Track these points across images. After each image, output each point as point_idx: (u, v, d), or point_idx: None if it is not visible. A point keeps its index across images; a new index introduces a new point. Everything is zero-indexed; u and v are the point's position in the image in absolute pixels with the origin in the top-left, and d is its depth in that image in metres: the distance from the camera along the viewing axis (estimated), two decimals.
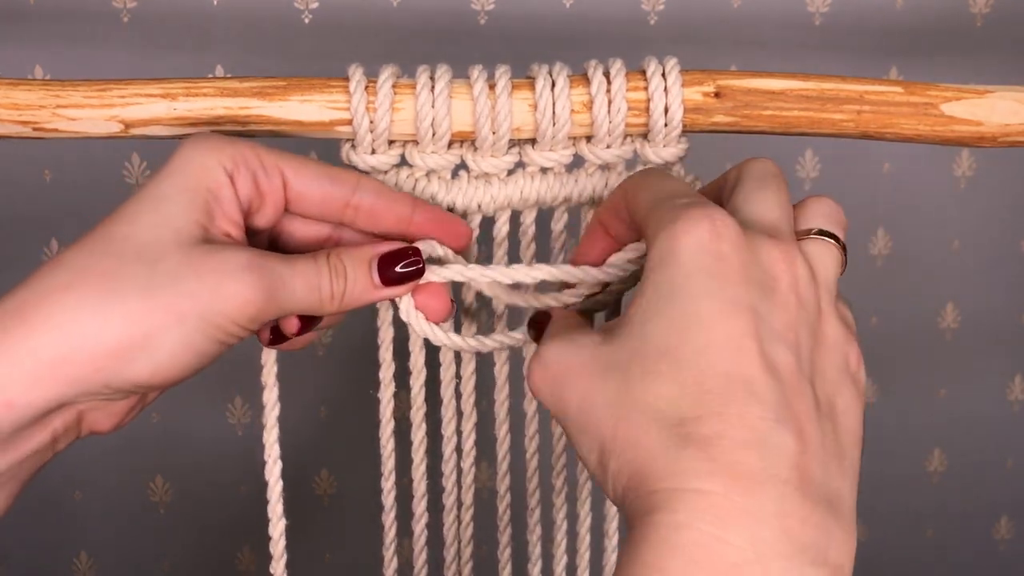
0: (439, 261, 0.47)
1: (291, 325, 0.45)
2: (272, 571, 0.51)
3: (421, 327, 0.47)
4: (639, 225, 0.41)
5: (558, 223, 0.51)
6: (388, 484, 0.53)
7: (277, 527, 0.51)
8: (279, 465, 0.50)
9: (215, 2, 0.74)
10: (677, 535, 0.33)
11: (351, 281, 0.44)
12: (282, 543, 0.51)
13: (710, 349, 0.36)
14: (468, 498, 0.54)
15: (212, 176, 0.41)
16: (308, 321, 0.45)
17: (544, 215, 0.51)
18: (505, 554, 0.56)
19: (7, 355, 0.38)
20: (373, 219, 0.45)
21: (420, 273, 0.45)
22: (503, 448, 0.53)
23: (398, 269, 0.45)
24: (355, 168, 0.47)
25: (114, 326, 0.38)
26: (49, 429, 0.41)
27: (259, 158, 0.42)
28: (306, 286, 0.43)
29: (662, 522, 0.34)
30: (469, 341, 0.48)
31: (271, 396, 0.50)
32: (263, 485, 0.50)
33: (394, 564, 0.55)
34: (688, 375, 0.36)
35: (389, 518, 0.53)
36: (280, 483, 0.50)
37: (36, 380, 0.38)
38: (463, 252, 0.48)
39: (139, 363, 0.39)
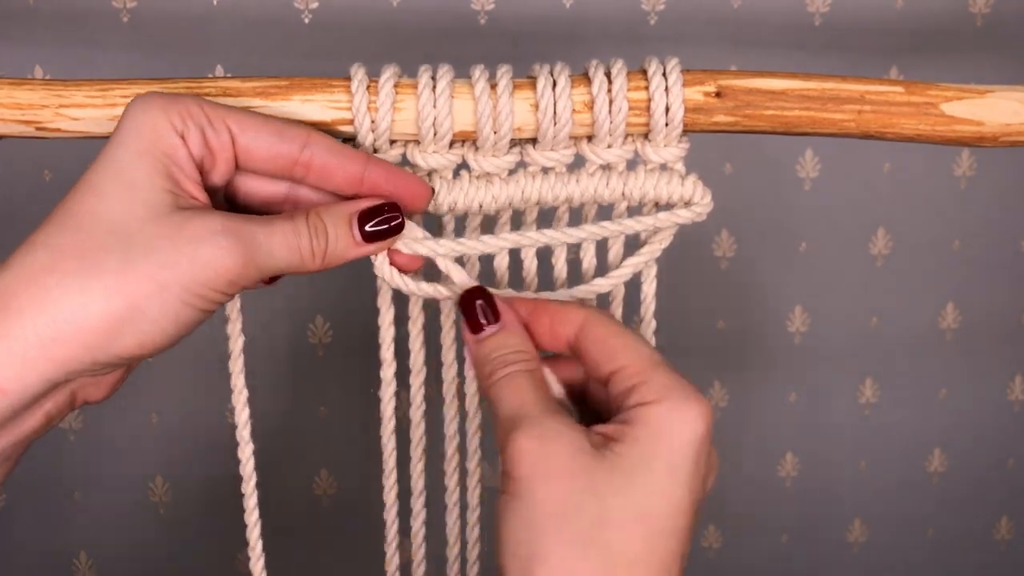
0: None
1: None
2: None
3: (394, 280, 0.48)
4: (615, 367, 0.43)
5: (560, 223, 0.51)
6: (389, 482, 0.53)
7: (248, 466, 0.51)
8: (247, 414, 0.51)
9: (215, 2, 0.74)
10: None
11: (332, 239, 0.44)
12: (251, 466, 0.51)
13: (671, 539, 0.40)
14: (474, 499, 0.54)
15: (166, 140, 0.41)
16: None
17: (545, 215, 0.51)
18: None
19: None
20: (324, 177, 0.44)
21: (400, 228, 0.45)
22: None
23: (378, 226, 0.45)
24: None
25: (97, 303, 0.39)
26: (43, 410, 0.41)
27: (205, 114, 0.42)
28: (284, 246, 0.43)
29: None
30: (441, 290, 0.48)
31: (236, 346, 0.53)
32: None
33: (395, 562, 0.55)
34: (644, 549, 0.40)
35: (391, 516, 0.53)
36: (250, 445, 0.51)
37: (27, 364, 0.38)
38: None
39: (125, 337, 0.39)
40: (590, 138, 0.48)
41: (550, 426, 0.41)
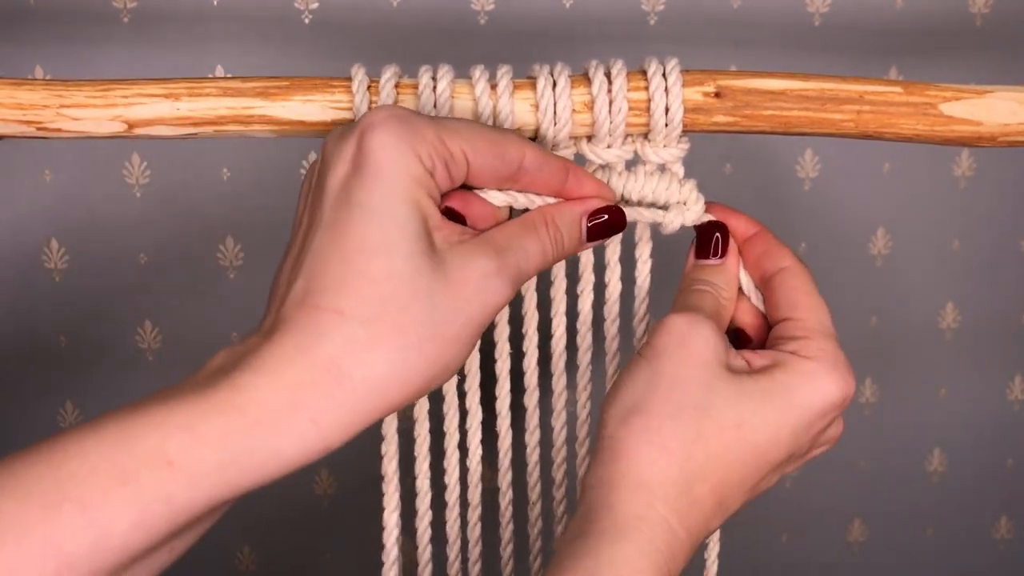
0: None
1: None
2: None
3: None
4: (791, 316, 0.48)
5: None
6: (391, 483, 0.53)
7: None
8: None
9: (215, 2, 0.75)
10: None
11: (567, 243, 0.46)
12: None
13: (749, 463, 0.46)
14: (475, 497, 0.54)
15: (427, 185, 0.42)
16: None
17: None
18: (507, 551, 0.56)
19: (330, 411, 0.40)
20: (526, 187, 0.46)
21: (623, 225, 0.48)
22: (505, 445, 0.54)
23: (603, 225, 0.47)
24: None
25: (419, 372, 0.41)
26: None
27: (447, 147, 0.42)
28: (536, 264, 0.45)
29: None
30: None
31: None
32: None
33: (395, 560, 0.55)
34: (724, 453, 0.45)
35: (392, 517, 0.53)
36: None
37: (353, 427, 0.41)
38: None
39: (432, 386, 0.42)
40: (590, 138, 0.49)
41: (704, 325, 0.46)
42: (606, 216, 0.47)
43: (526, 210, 0.47)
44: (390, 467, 0.52)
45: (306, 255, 0.41)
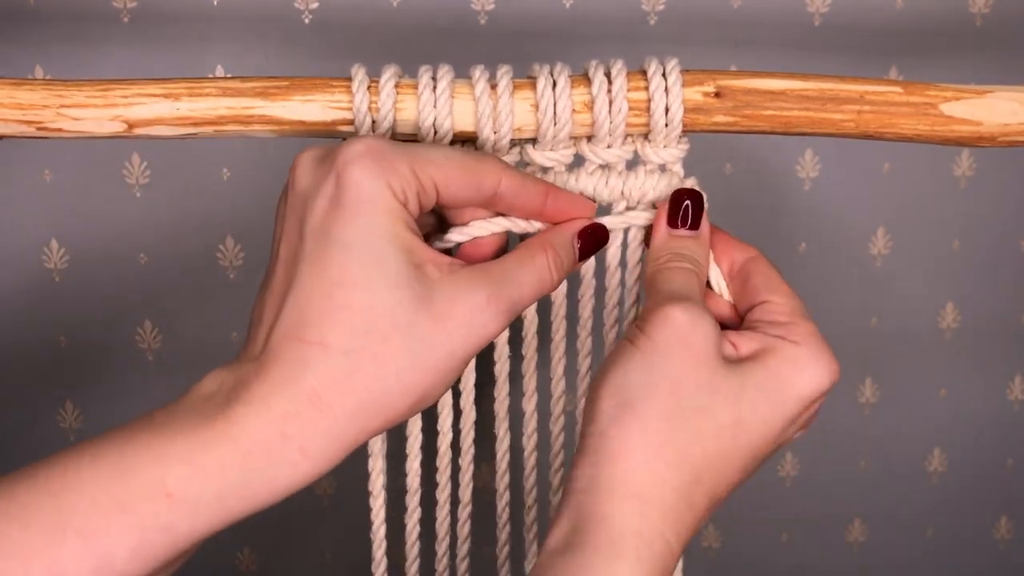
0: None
1: None
2: None
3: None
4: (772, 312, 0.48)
5: None
6: (377, 482, 0.53)
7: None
8: None
9: (215, 2, 0.75)
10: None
11: (566, 265, 0.47)
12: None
13: (743, 458, 0.45)
14: (466, 496, 0.54)
15: (403, 217, 0.42)
16: None
17: None
18: (504, 552, 0.56)
19: (315, 440, 0.40)
20: (504, 210, 0.47)
21: (607, 238, 0.49)
22: (503, 446, 0.54)
23: (593, 242, 0.48)
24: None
25: (395, 400, 0.41)
26: None
27: (417, 178, 0.43)
28: (533, 291, 0.45)
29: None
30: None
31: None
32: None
33: (384, 562, 0.55)
34: (720, 454, 0.44)
35: (379, 516, 0.53)
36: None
37: (338, 453, 0.41)
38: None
39: (414, 412, 0.43)
40: (590, 138, 0.49)
41: (705, 318, 0.45)
42: (591, 232, 0.48)
43: (525, 235, 0.47)
44: (376, 468, 0.53)
45: (291, 288, 0.42)
